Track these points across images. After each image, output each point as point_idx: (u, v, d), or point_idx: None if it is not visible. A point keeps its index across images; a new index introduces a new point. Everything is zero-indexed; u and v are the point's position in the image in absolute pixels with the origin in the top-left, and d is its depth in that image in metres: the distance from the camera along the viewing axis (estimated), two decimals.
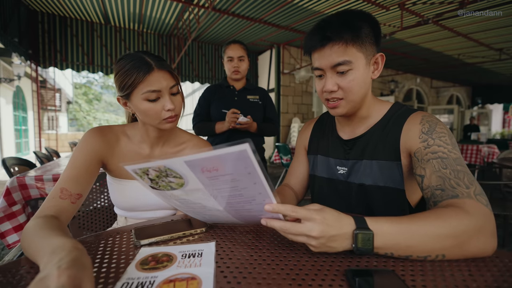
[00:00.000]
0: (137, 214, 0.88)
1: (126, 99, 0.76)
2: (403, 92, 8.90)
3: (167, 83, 0.75)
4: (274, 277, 0.42)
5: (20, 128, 8.28)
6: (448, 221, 0.47)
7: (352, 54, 0.67)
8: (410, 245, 0.46)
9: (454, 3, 3.68)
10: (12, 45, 3.69)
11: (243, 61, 1.73)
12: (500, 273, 0.43)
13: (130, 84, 0.72)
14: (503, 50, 6.03)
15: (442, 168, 0.59)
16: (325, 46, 0.68)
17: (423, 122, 0.68)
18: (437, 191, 0.57)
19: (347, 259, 0.48)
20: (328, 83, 0.70)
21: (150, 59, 0.74)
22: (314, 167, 0.90)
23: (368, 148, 0.76)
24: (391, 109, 0.77)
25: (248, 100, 1.79)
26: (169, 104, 0.74)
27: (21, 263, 0.47)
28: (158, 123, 0.77)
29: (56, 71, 9.13)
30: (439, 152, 0.61)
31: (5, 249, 2.24)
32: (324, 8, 4.16)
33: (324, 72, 0.71)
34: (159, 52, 5.51)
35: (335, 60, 0.67)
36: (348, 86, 0.69)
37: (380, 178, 0.73)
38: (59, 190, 0.68)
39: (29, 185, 1.46)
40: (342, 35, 0.66)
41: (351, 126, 0.81)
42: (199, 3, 3.99)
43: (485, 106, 12.22)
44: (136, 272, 0.44)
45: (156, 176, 0.49)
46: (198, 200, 0.54)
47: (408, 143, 0.68)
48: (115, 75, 0.75)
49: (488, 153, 4.47)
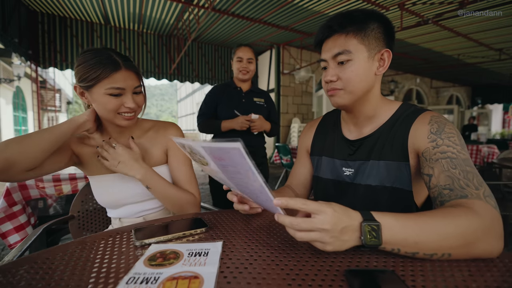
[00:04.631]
0: (127, 210, 0.88)
1: (85, 90, 0.77)
2: (403, 92, 8.90)
3: (132, 83, 0.77)
4: (274, 277, 0.42)
5: (20, 129, 8.28)
6: (456, 221, 0.47)
7: (353, 45, 0.69)
8: (417, 241, 0.46)
9: (454, 3, 3.68)
10: (12, 45, 3.69)
11: (252, 63, 1.79)
12: (500, 273, 0.43)
13: (94, 78, 0.73)
14: (503, 50, 6.03)
15: (452, 168, 0.58)
16: (330, 38, 0.72)
17: (431, 123, 0.67)
18: (445, 190, 0.57)
19: (347, 259, 0.48)
20: (328, 73, 0.73)
21: (118, 58, 0.75)
22: (318, 168, 0.89)
23: (375, 148, 0.75)
24: (400, 109, 0.77)
25: (254, 102, 1.84)
26: (130, 102, 0.77)
27: (21, 263, 0.47)
28: (113, 117, 0.78)
29: (56, 72, 9.15)
30: (448, 152, 0.61)
31: (5, 249, 2.24)
32: (324, 8, 4.16)
33: (327, 63, 0.73)
34: (159, 52, 5.51)
35: (335, 50, 0.70)
36: (347, 77, 0.70)
37: (387, 179, 0.72)
38: None
39: (29, 186, 1.46)
40: (344, 27, 0.69)
41: (357, 126, 0.81)
42: (199, 3, 3.99)
43: (485, 106, 12.22)
44: (143, 267, 0.45)
45: (189, 152, 0.56)
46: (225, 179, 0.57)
47: (416, 143, 0.68)
48: (77, 65, 0.75)
49: (488, 153, 4.47)
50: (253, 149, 1.83)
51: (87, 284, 0.41)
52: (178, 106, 22.92)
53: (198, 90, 15.30)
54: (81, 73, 0.74)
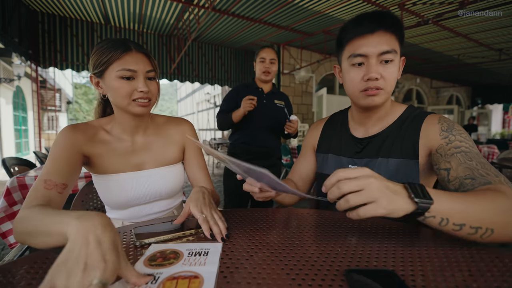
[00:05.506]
0: (133, 212, 0.85)
1: (99, 78, 0.76)
2: (402, 92, 8.90)
3: (143, 66, 0.75)
4: (274, 277, 0.42)
5: (20, 128, 8.28)
6: (496, 199, 0.47)
7: (396, 46, 0.70)
8: (465, 211, 0.45)
9: (454, 3, 3.68)
10: (12, 45, 3.69)
11: (274, 64, 1.78)
12: (500, 273, 0.43)
13: (105, 61, 0.73)
14: (503, 50, 6.03)
15: (468, 161, 0.60)
16: (374, 33, 0.70)
17: (441, 122, 0.70)
18: (466, 180, 0.57)
19: (347, 259, 0.48)
20: (373, 69, 0.70)
21: (129, 43, 0.75)
22: (323, 165, 0.90)
23: (384, 146, 0.77)
24: (406, 111, 0.79)
25: (275, 104, 1.85)
26: (143, 85, 0.74)
27: (21, 263, 0.47)
28: (127, 104, 0.75)
29: (56, 71, 9.15)
30: (461, 146, 0.63)
31: (5, 249, 2.24)
32: (324, 8, 4.16)
33: (367, 59, 0.70)
34: (159, 52, 5.51)
35: (384, 47, 0.69)
36: (389, 77, 0.71)
37: (395, 176, 0.73)
38: (43, 181, 0.65)
39: (29, 185, 1.46)
40: (391, 27, 0.69)
41: (366, 125, 0.82)
42: (199, 3, 3.99)
43: (485, 106, 12.21)
44: (143, 267, 0.45)
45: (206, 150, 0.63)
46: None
47: (428, 142, 0.70)
48: (92, 54, 0.76)
49: (488, 153, 4.47)
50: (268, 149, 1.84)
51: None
52: (178, 106, 22.92)
53: (198, 90, 15.29)
54: (95, 59, 0.75)
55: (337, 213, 0.74)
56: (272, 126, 1.82)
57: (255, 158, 1.81)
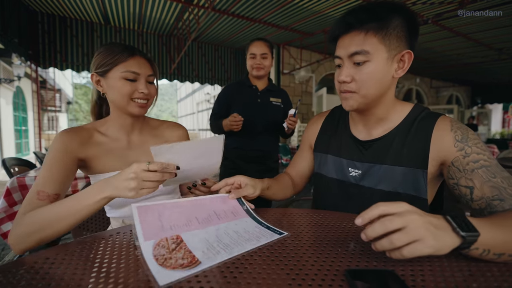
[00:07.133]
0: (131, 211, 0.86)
1: (100, 76, 0.81)
2: (402, 92, 8.90)
3: (146, 70, 0.83)
4: (274, 277, 0.42)
5: (20, 129, 8.28)
6: None
7: (372, 44, 0.63)
8: (506, 241, 0.44)
9: (454, 3, 3.68)
10: (12, 45, 3.69)
11: (266, 59, 1.60)
12: (500, 273, 0.43)
13: (111, 62, 0.78)
14: (503, 50, 6.03)
15: (492, 178, 0.57)
16: (347, 34, 0.66)
17: (454, 129, 0.65)
18: (494, 201, 0.55)
19: (347, 259, 0.48)
20: (342, 72, 0.67)
21: (134, 49, 0.83)
22: (321, 165, 0.87)
23: (390, 152, 0.71)
24: (412, 112, 0.73)
25: (271, 103, 1.69)
26: (144, 87, 0.81)
27: (21, 263, 0.47)
28: (127, 104, 0.81)
29: (56, 72, 9.14)
30: (480, 160, 0.60)
31: (5, 249, 2.24)
32: (324, 8, 4.16)
33: (342, 61, 0.68)
34: (159, 52, 5.51)
35: (352, 49, 0.64)
36: (362, 79, 0.65)
37: (400, 185, 0.70)
38: (36, 193, 0.67)
39: (29, 186, 1.46)
40: (364, 24, 0.63)
41: (367, 126, 0.77)
42: (199, 3, 3.99)
43: (484, 106, 12.21)
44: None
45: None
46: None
47: (441, 152, 0.65)
48: (96, 55, 0.81)
49: None
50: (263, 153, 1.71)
51: (87, 284, 0.40)
52: (178, 106, 22.91)
53: (198, 90, 15.29)
54: (100, 59, 0.80)
55: (337, 213, 0.74)
56: (267, 127, 1.69)
57: (249, 162, 1.69)
